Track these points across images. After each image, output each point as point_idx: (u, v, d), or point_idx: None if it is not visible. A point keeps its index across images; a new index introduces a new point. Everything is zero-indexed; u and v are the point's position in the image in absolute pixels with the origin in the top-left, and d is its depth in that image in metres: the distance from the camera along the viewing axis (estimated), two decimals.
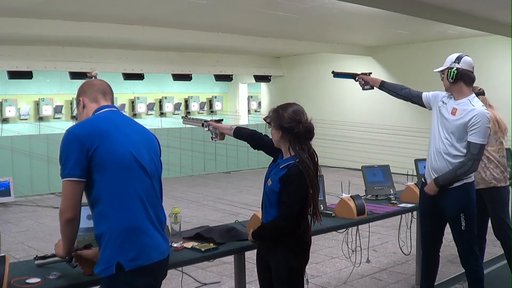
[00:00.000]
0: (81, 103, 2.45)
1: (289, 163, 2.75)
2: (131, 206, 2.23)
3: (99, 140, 2.20)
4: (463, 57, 3.54)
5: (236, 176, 12.25)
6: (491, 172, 4.21)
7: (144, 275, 2.22)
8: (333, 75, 4.44)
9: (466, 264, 3.67)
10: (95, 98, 2.44)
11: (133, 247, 2.19)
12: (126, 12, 7.57)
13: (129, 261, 2.17)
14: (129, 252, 2.18)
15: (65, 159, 2.20)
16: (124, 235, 2.19)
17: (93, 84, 2.50)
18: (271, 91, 14.77)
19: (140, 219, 2.24)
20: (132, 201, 2.23)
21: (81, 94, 2.46)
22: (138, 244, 2.21)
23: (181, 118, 3.89)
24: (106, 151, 2.20)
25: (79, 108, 2.48)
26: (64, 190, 2.22)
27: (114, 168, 2.21)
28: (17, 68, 10.11)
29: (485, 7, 7.49)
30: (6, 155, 9.55)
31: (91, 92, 2.46)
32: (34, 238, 6.74)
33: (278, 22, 8.52)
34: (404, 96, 3.93)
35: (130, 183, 2.24)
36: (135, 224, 2.22)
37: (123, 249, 2.18)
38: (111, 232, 2.19)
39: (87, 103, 2.44)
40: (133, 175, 2.26)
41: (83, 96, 2.45)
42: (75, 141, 2.20)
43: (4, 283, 2.33)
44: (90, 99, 2.45)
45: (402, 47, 11.72)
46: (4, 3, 6.60)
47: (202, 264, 4.36)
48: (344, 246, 4.58)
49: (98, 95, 2.45)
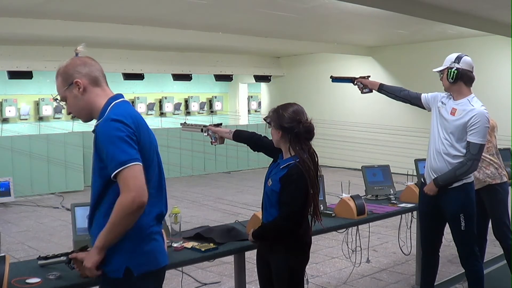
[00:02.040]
0: (81, 86, 2.11)
1: (289, 163, 2.75)
2: (147, 208, 2.06)
3: (139, 132, 2.06)
4: (462, 57, 3.54)
5: (236, 176, 12.25)
6: (484, 171, 4.24)
7: (151, 280, 2.17)
8: (332, 80, 4.44)
9: (466, 264, 3.68)
10: (96, 81, 2.15)
11: (143, 252, 2.11)
12: (126, 12, 7.57)
13: (139, 266, 2.10)
14: (139, 257, 2.10)
15: (123, 145, 1.97)
16: (134, 240, 2.09)
17: (87, 62, 2.16)
18: (271, 91, 14.77)
19: (150, 222, 2.16)
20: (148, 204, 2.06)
21: (75, 75, 2.11)
22: (148, 248, 2.13)
23: (180, 125, 3.89)
24: (142, 148, 2.06)
25: (73, 91, 2.12)
26: (132, 174, 1.95)
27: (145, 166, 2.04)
28: (17, 68, 10.11)
29: (485, 7, 7.49)
30: (6, 155, 9.55)
31: (89, 72, 2.14)
32: (34, 238, 6.74)
33: (278, 22, 8.52)
34: (403, 98, 3.93)
35: (151, 176, 2.13)
36: (146, 228, 2.13)
37: (133, 253, 2.09)
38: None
39: (88, 86, 2.13)
40: (151, 175, 2.13)
41: (79, 77, 2.11)
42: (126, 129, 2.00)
43: (4, 283, 2.33)
44: (90, 80, 2.14)
45: (402, 47, 11.72)
46: (4, 3, 6.60)
47: (202, 264, 4.36)
48: (344, 246, 4.58)
49: (101, 78, 2.17)
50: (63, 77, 2.14)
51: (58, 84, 2.17)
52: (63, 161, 9.92)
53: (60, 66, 2.18)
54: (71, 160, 10.00)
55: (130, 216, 1.98)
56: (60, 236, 6.77)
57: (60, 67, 2.17)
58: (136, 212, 1.98)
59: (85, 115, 2.22)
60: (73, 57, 2.19)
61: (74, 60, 2.17)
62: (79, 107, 2.17)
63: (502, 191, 4.32)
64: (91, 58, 2.21)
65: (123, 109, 2.11)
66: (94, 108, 2.16)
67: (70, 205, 3.09)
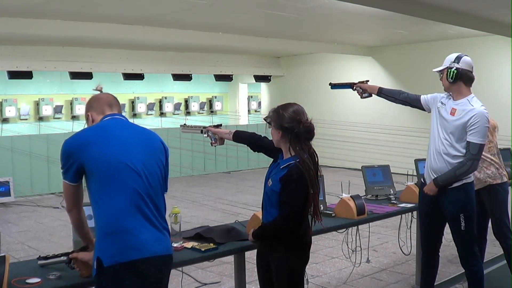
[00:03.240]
0: (90, 118, 2.57)
1: (289, 163, 2.75)
2: (116, 207, 2.30)
3: (86, 150, 2.34)
4: (462, 57, 3.54)
5: (236, 176, 12.26)
6: (484, 171, 4.24)
7: (125, 271, 2.24)
8: (331, 86, 4.42)
9: (466, 264, 3.68)
10: (102, 110, 2.55)
11: (111, 244, 2.26)
12: (126, 12, 7.57)
13: (108, 258, 2.24)
14: (108, 249, 2.26)
15: (62, 164, 2.44)
16: (106, 235, 2.28)
17: (99, 98, 2.61)
18: (271, 91, 14.77)
19: (126, 218, 2.29)
20: (117, 202, 2.30)
21: (89, 109, 2.58)
22: (117, 240, 2.26)
23: (180, 127, 3.89)
24: (92, 160, 2.33)
25: (88, 123, 2.60)
26: (63, 189, 2.50)
27: (100, 173, 2.33)
28: (17, 68, 10.11)
29: (485, 7, 7.49)
30: (6, 155, 9.55)
31: (98, 106, 2.57)
32: (34, 238, 6.74)
33: (278, 22, 8.52)
34: (402, 101, 3.93)
35: (117, 186, 2.31)
36: (117, 224, 2.28)
37: (102, 245, 2.28)
38: (98, 231, 2.31)
39: (95, 116, 2.55)
40: (121, 177, 2.32)
41: (91, 111, 2.57)
42: (67, 153, 2.39)
43: (4, 283, 2.33)
44: (97, 112, 2.56)
45: (402, 47, 11.72)
46: (4, 3, 6.60)
47: (202, 264, 4.36)
48: (344, 246, 4.58)
49: (105, 108, 2.55)
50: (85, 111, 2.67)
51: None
52: None
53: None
54: None
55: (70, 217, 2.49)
56: (60, 236, 6.77)
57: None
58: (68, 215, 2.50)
59: None
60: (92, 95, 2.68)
61: (91, 97, 2.67)
62: None
63: (503, 191, 4.32)
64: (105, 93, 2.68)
65: (85, 130, 2.50)
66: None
67: None
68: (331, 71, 13.01)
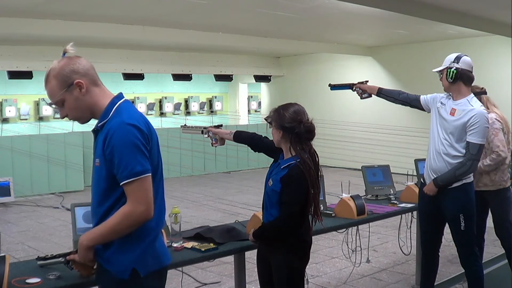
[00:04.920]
0: (83, 86, 2.07)
1: (290, 163, 2.75)
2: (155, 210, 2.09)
3: (151, 139, 2.09)
4: (462, 57, 3.54)
5: (236, 176, 12.25)
6: (500, 175, 4.18)
7: (156, 279, 2.17)
8: (330, 88, 4.41)
9: (466, 264, 3.68)
10: (95, 81, 2.13)
11: (149, 253, 2.12)
12: (126, 12, 7.57)
13: (145, 267, 2.09)
14: (146, 257, 2.10)
15: (138, 154, 1.99)
16: (142, 241, 2.09)
17: (82, 62, 2.12)
18: (271, 91, 14.77)
19: (158, 224, 2.18)
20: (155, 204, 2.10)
21: (73, 76, 2.06)
22: (153, 249, 2.14)
23: (180, 127, 3.89)
24: (151, 152, 2.08)
25: (74, 93, 2.07)
26: (144, 187, 2.00)
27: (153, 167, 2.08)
28: (17, 68, 10.12)
29: (485, 7, 7.49)
30: (6, 155, 9.55)
31: (87, 73, 2.10)
32: (34, 238, 6.74)
33: (278, 22, 8.52)
34: (402, 101, 3.93)
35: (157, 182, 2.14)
36: (152, 230, 2.14)
37: (140, 254, 2.08)
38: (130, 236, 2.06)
39: (89, 86, 2.10)
40: (159, 172, 2.17)
41: (79, 78, 2.07)
42: (142, 137, 2.02)
43: (4, 283, 2.33)
44: (90, 81, 2.11)
45: (402, 47, 11.72)
46: (4, 3, 6.60)
47: (202, 264, 4.36)
48: (344, 246, 4.58)
49: (97, 78, 2.14)
50: (59, 79, 2.07)
51: (52, 88, 2.08)
52: (63, 161, 9.93)
53: (51, 68, 2.10)
54: (71, 160, 10.00)
55: (134, 227, 2.03)
56: (60, 236, 6.77)
57: (52, 69, 2.09)
58: (141, 224, 2.04)
59: (86, 117, 2.17)
60: (64, 58, 2.13)
61: (68, 61, 2.10)
62: (80, 109, 2.12)
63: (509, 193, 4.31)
64: (80, 57, 2.14)
65: (134, 112, 2.10)
66: (96, 108, 2.13)
67: (70, 205, 3.09)
68: (331, 71, 13.01)
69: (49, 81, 2.09)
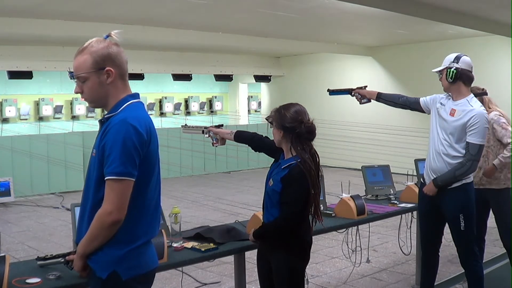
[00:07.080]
0: (111, 76, 2.01)
1: (290, 163, 2.75)
2: (146, 216, 2.10)
3: (149, 143, 2.03)
4: (461, 57, 3.54)
5: (236, 176, 12.25)
6: (505, 173, 4.17)
7: (140, 282, 2.11)
8: (329, 93, 4.39)
9: (466, 264, 3.68)
10: (123, 75, 2.06)
11: (133, 256, 2.06)
12: (126, 12, 7.57)
13: (128, 270, 2.04)
14: (129, 261, 2.05)
15: (126, 156, 1.94)
16: (126, 244, 2.04)
17: (121, 53, 2.06)
18: (271, 91, 14.77)
19: (151, 229, 2.14)
20: (147, 211, 2.10)
21: (107, 62, 2.01)
22: (139, 253, 2.09)
23: (181, 127, 3.89)
24: (146, 158, 2.03)
25: (100, 78, 2.00)
26: (120, 189, 1.96)
27: (146, 173, 2.05)
28: (17, 68, 10.11)
29: (485, 7, 7.49)
30: (6, 155, 9.55)
31: (120, 64, 2.04)
32: (34, 238, 6.73)
33: (278, 22, 8.52)
34: (402, 105, 3.93)
35: (151, 188, 2.11)
36: (140, 237, 2.08)
37: (123, 258, 2.04)
38: (116, 238, 2.03)
39: (116, 77, 2.04)
40: (154, 179, 2.12)
41: (111, 66, 2.01)
42: (138, 140, 1.97)
43: (4, 283, 2.33)
44: (119, 74, 2.05)
45: (402, 47, 11.72)
46: (4, 3, 6.60)
47: (202, 264, 4.36)
48: (344, 246, 4.58)
49: (125, 74, 2.06)
50: (94, 57, 2.01)
51: (83, 62, 2.02)
52: (63, 161, 9.93)
53: (91, 44, 2.04)
54: (71, 160, 10.00)
55: (105, 230, 1.99)
56: (60, 236, 6.77)
57: (91, 45, 2.03)
58: (110, 227, 1.98)
59: (100, 104, 2.14)
60: (106, 40, 2.06)
61: (109, 45, 2.05)
62: (99, 94, 2.07)
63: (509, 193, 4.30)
64: (120, 47, 2.09)
65: (140, 114, 2.06)
66: (112, 100, 2.09)
67: (70, 205, 3.09)
68: (331, 71, 13.02)
69: (83, 54, 2.04)
